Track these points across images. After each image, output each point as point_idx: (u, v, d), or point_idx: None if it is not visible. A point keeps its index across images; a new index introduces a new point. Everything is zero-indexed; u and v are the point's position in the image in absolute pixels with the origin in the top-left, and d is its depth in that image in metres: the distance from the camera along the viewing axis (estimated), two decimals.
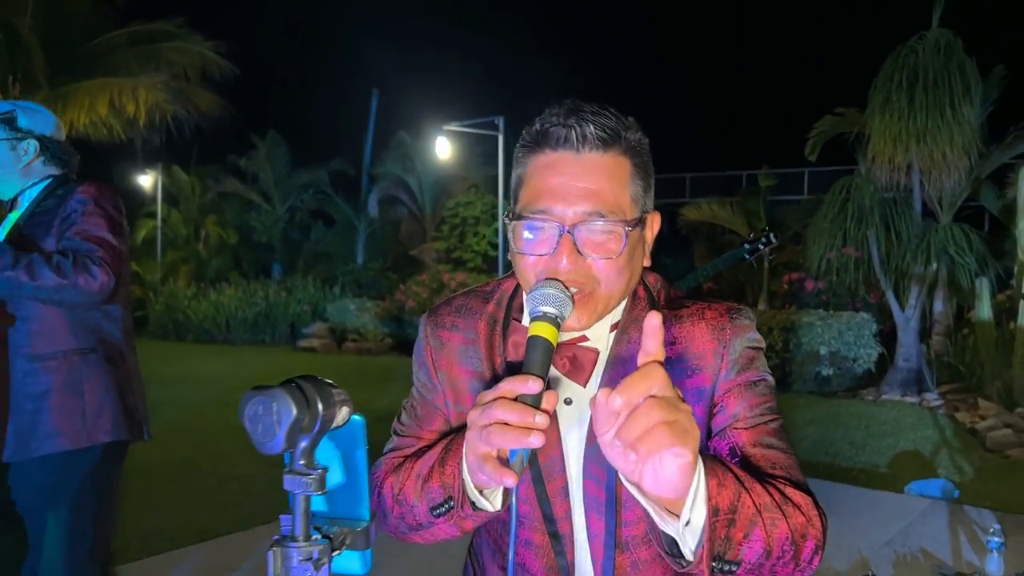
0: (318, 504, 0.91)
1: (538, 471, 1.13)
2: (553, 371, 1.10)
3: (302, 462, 0.79)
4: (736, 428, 1.09)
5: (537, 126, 1.09)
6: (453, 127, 11.14)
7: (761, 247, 3.70)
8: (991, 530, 3.99)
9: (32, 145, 2.41)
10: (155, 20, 14.03)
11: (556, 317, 0.98)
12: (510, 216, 1.10)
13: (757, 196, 12.25)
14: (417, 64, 25.15)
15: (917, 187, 8.67)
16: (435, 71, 24.24)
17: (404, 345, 12.71)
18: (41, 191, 2.41)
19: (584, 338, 1.12)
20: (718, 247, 14.38)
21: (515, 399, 0.90)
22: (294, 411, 0.73)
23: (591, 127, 1.05)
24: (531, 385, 0.89)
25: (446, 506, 1.06)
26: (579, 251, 1.03)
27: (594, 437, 1.08)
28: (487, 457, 0.92)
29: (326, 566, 0.77)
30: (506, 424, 0.89)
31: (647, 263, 1.15)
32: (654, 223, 1.14)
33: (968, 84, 8.09)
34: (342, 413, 0.84)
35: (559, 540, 1.15)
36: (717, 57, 32.28)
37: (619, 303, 1.13)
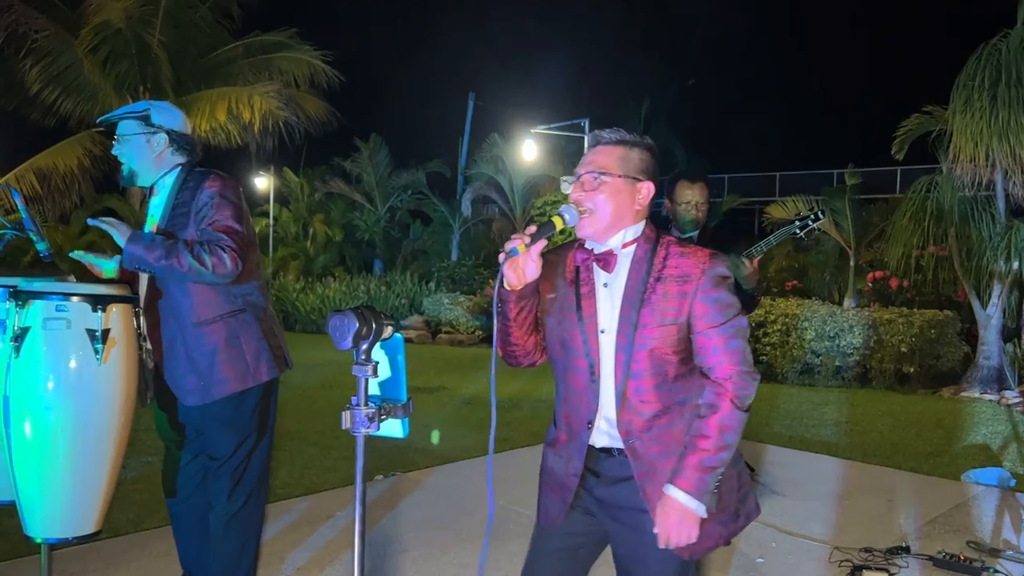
0: (373, 388, 1.46)
1: (582, 320, 1.98)
2: (596, 268, 1.99)
3: (363, 357, 1.32)
4: (707, 328, 1.93)
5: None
6: (540, 129, 11.66)
7: (811, 223, 3.92)
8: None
9: (162, 138, 2.95)
10: (269, 32, 15.11)
11: (563, 214, 1.93)
12: None
13: (842, 194, 12.28)
14: (510, 67, 25.90)
15: (1000, 185, 8.67)
16: (526, 74, 24.94)
17: (492, 337, 13.30)
18: (174, 182, 2.98)
19: (611, 251, 1.97)
20: (800, 247, 14.41)
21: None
22: (357, 323, 1.25)
23: (603, 134, 2.02)
24: (527, 231, 1.86)
25: (497, 300, 1.99)
26: (583, 188, 1.96)
27: (626, 307, 1.95)
28: (503, 255, 1.86)
29: (378, 422, 1.30)
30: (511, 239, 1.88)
31: (639, 212, 1.99)
32: (645, 189, 1.98)
33: None
34: (387, 331, 1.37)
35: (591, 365, 1.98)
36: (807, 56, 31.74)
37: (612, 225, 1.95)
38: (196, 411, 2.98)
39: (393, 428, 1.40)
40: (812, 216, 4.00)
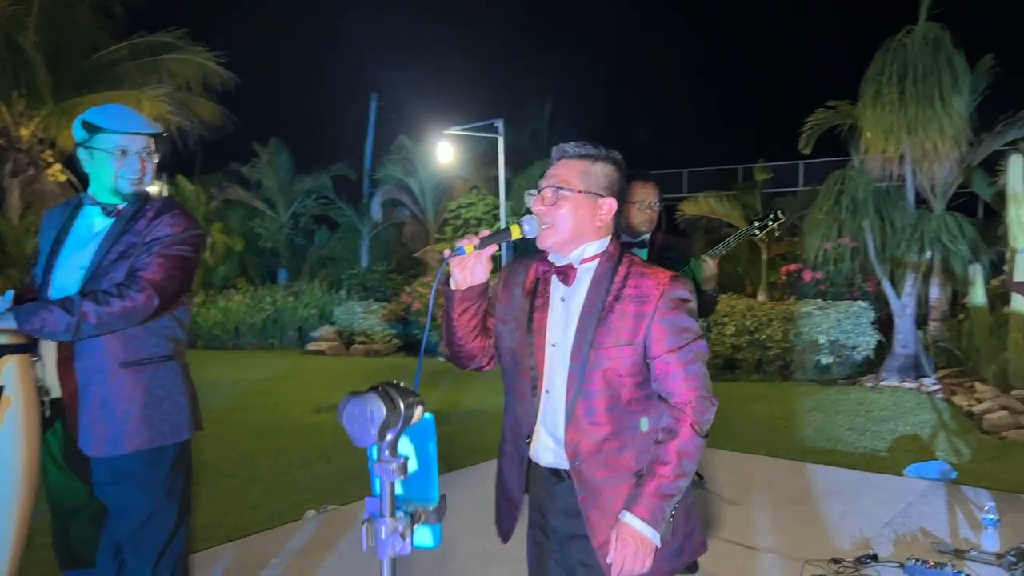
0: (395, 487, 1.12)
1: (531, 332, 1.95)
2: (556, 280, 1.96)
3: (387, 453, 0.99)
4: (664, 353, 1.87)
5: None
6: (454, 131, 11.32)
7: (770, 223, 3.90)
8: (986, 508, 4.20)
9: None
10: (156, 33, 14.23)
11: (522, 224, 1.90)
12: None
13: (753, 189, 12.43)
14: (415, 67, 25.34)
15: (910, 177, 8.86)
16: (433, 74, 24.45)
17: (411, 345, 12.92)
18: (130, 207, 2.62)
19: (570, 265, 1.94)
20: (715, 240, 14.58)
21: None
22: (384, 411, 0.93)
23: (567, 147, 1.97)
24: (480, 234, 1.87)
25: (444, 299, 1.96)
26: (543, 202, 1.93)
27: (583, 324, 1.90)
28: (447, 251, 1.85)
29: (410, 536, 0.97)
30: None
31: (601, 228, 1.95)
32: (607, 205, 1.94)
33: (956, 76, 8.29)
34: (417, 412, 1.04)
35: (534, 379, 1.95)
36: (709, 54, 32.44)
37: (572, 240, 1.92)
38: (104, 465, 2.56)
39: (423, 537, 1.07)
40: (771, 216, 3.94)
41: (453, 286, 1.92)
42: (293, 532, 4.62)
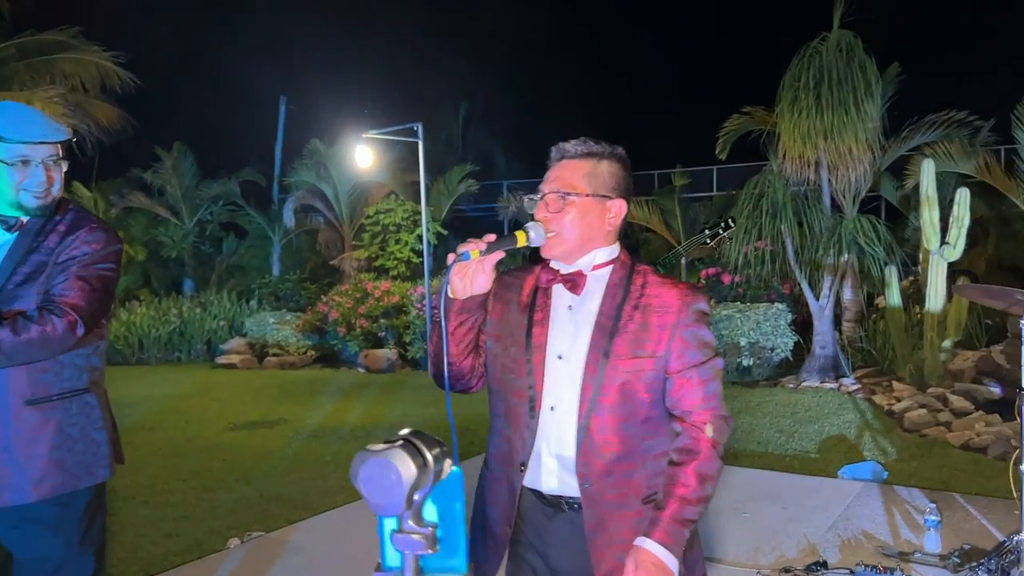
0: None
1: (531, 347, 1.79)
2: (561, 289, 1.81)
3: (411, 521, 0.78)
4: (686, 368, 1.76)
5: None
6: (372, 134, 10.99)
7: (721, 231, 3.90)
8: (927, 509, 4.22)
9: None
10: (47, 31, 13.37)
11: (528, 230, 1.75)
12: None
13: (671, 195, 12.54)
14: (325, 71, 24.68)
15: (826, 181, 9.05)
16: (344, 78, 23.83)
17: (328, 357, 12.50)
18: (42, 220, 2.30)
19: (579, 272, 1.80)
20: (634, 244, 14.67)
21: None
22: (414, 471, 0.72)
23: (567, 147, 1.82)
24: (485, 238, 1.68)
25: (438, 311, 1.76)
26: (548, 209, 1.77)
27: (598, 333, 1.76)
28: (452, 256, 1.67)
29: None
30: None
31: (611, 232, 1.82)
32: (616, 207, 1.80)
33: (869, 82, 8.50)
34: (446, 465, 0.83)
35: (532, 399, 1.78)
36: (625, 60, 32.91)
37: (580, 247, 1.79)
38: (7, 513, 2.24)
39: None
40: (722, 225, 3.93)
41: (451, 295, 1.75)
42: (217, 565, 4.28)
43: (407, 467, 0.74)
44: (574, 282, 1.79)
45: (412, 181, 14.73)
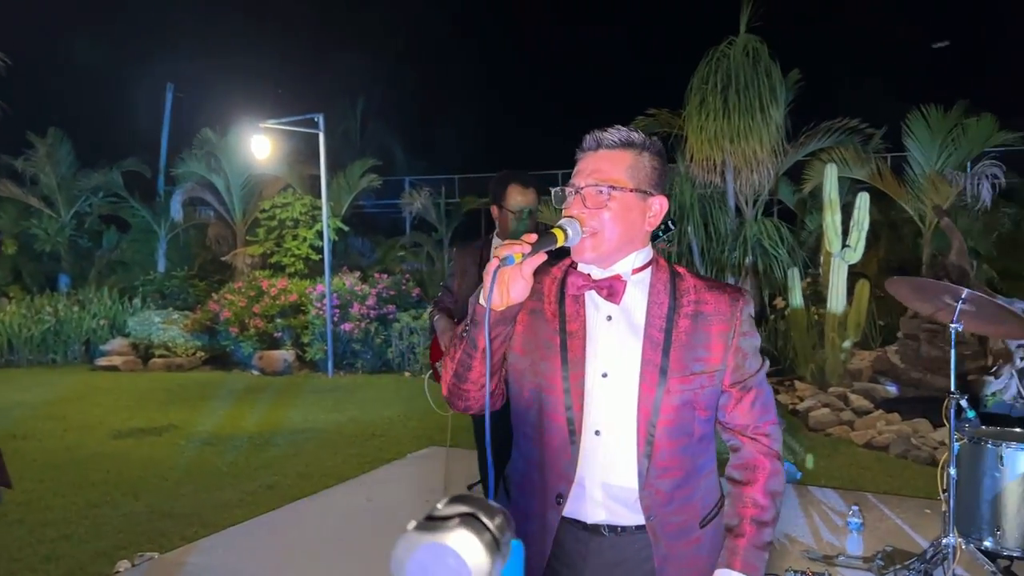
0: None
1: (567, 363, 1.60)
2: (598, 297, 1.61)
3: None
4: (746, 379, 1.62)
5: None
6: (270, 124, 10.47)
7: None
8: (850, 511, 4.23)
9: None
10: None
11: (565, 228, 1.52)
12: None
13: None
14: (218, 59, 23.54)
15: (731, 184, 9.17)
16: (238, 67, 22.81)
17: (219, 359, 11.86)
18: None
19: (617, 277, 1.60)
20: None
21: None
22: (484, 556, 0.49)
23: (604, 135, 1.63)
24: (525, 239, 1.46)
25: (469, 320, 1.56)
26: (585, 204, 1.57)
27: (650, 348, 1.58)
28: (494, 262, 1.44)
29: None
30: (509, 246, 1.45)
31: (649, 233, 1.64)
32: (657, 204, 1.62)
33: (774, 87, 8.66)
34: (507, 539, 0.61)
35: (571, 421, 1.59)
36: (528, 58, 32.90)
37: (619, 248, 1.59)
38: None
39: None
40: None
41: (486, 304, 1.50)
42: None
43: (474, 551, 0.51)
44: (611, 289, 1.60)
45: (310, 175, 14.20)
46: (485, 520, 0.54)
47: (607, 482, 1.60)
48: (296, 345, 11.38)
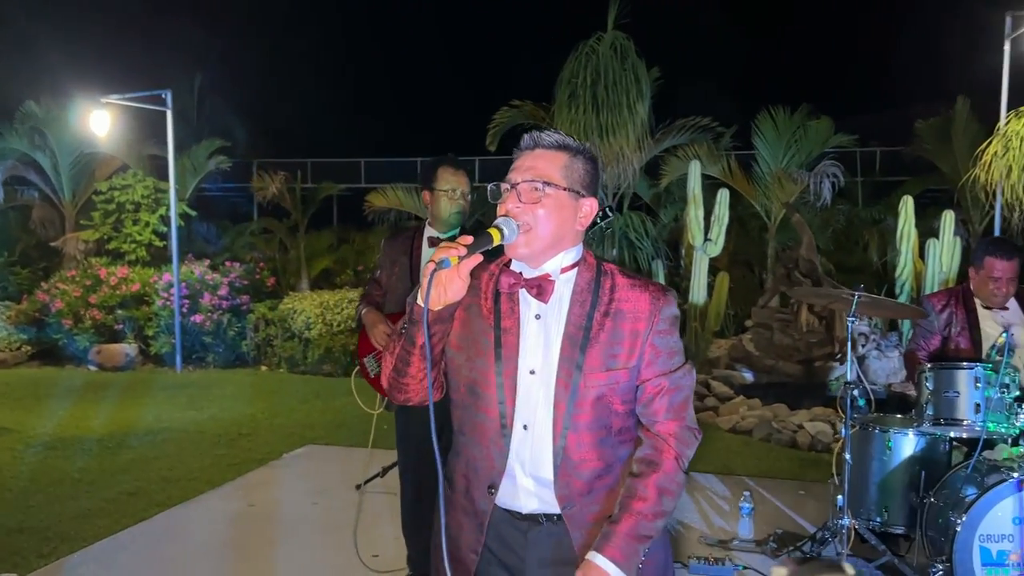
0: None
1: (500, 360, 1.68)
2: (526, 295, 1.68)
3: None
4: (655, 377, 1.68)
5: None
6: (113, 99, 9.64)
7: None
8: (743, 496, 4.40)
9: None
10: None
11: (502, 227, 1.59)
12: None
13: None
14: (42, 27, 21.44)
15: (601, 178, 9.35)
16: (63, 37, 20.87)
17: (49, 353, 10.84)
18: None
19: (546, 276, 1.68)
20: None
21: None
22: None
23: (542, 136, 1.71)
24: (461, 241, 1.53)
25: (407, 318, 1.65)
26: (520, 200, 1.64)
27: (568, 345, 1.66)
28: (431, 265, 1.52)
29: None
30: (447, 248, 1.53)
31: (580, 233, 1.72)
32: (588, 205, 1.70)
33: (641, 84, 8.90)
34: None
35: (503, 415, 1.68)
36: (391, 43, 32.19)
37: (551, 246, 1.66)
38: None
39: None
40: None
41: (423, 304, 1.58)
42: None
43: None
44: (540, 288, 1.68)
45: (149, 155, 13.24)
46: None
47: (536, 474, 1.69)
48: (139, 338, 10.60)
